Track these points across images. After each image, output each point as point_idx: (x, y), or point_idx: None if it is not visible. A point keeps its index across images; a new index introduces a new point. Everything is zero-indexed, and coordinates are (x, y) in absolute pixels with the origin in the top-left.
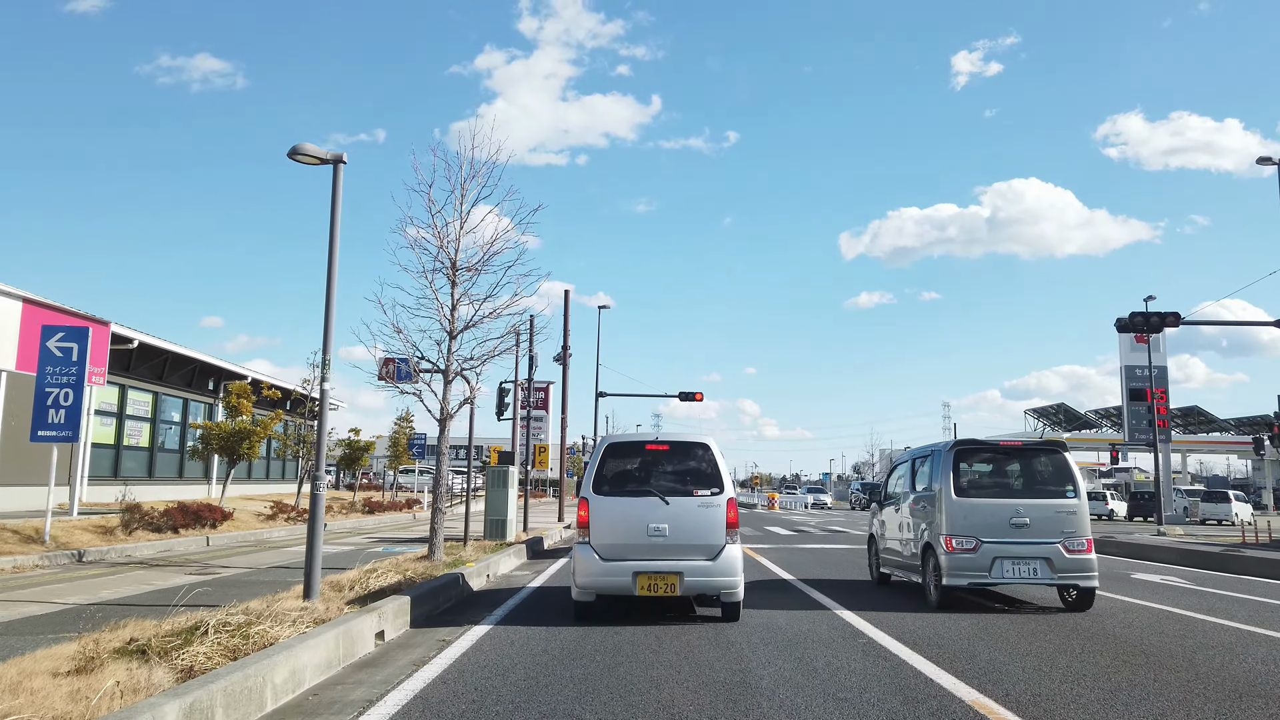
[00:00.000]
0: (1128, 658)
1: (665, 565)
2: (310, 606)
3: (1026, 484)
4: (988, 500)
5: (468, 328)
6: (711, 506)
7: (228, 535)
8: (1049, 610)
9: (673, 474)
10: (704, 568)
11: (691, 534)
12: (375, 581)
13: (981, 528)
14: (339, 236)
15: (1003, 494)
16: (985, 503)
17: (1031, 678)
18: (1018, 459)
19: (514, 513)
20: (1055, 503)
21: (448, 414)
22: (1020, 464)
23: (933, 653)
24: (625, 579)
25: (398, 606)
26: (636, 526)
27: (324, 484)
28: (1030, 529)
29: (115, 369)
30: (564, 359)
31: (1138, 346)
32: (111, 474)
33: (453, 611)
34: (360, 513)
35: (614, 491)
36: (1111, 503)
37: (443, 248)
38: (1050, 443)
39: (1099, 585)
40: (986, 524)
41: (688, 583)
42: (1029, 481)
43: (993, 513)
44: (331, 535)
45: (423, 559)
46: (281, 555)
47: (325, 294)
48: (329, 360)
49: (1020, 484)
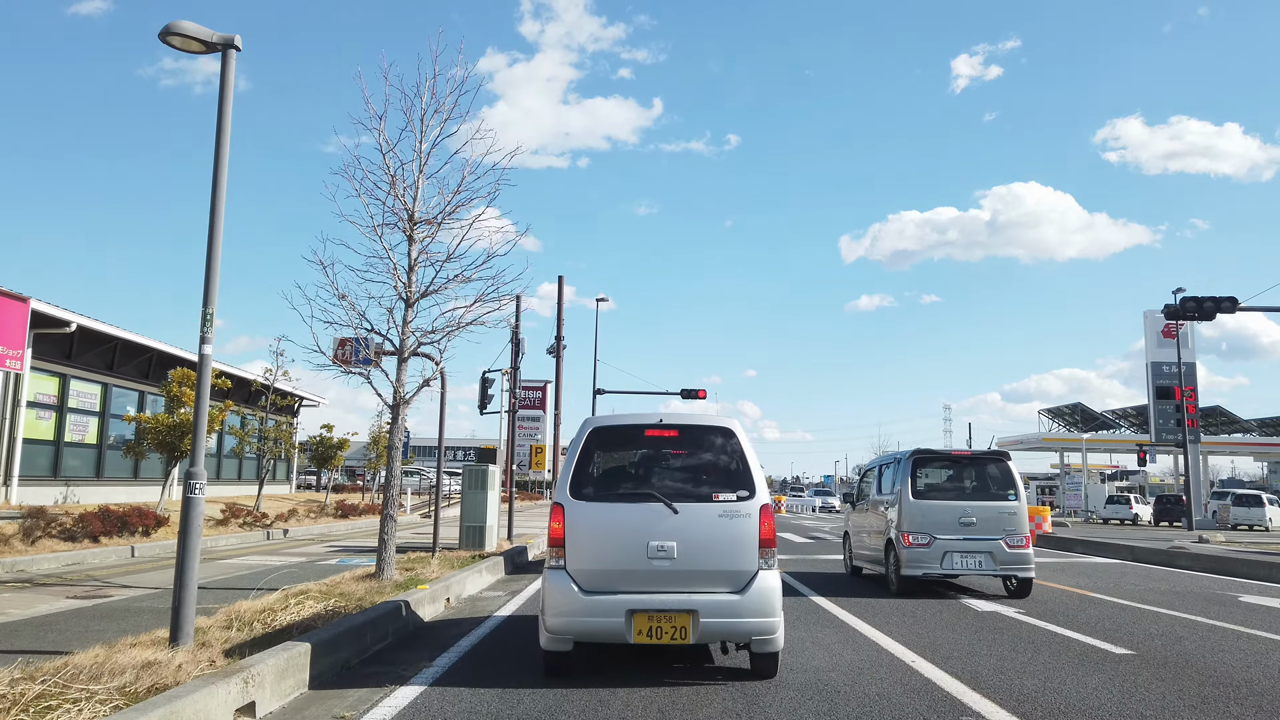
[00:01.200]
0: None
1: (673, 600)
2: (161, 661)
3: (975, 488)
4: (941, 502)
5: (427, 294)
6: (738, 516)
7: (161, 544)
8: (992, 597)
9: (684, 471)
10: (728, 604)
11: (710, 555)
12: (284, 616)
13: (935, 526)
14: (228, 140)
15: (954, 497)
16: (938, 504)
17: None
18: (968, 466)
19: (495, 518)
20: (999, 505)
21: (401, 398)
22: (970, 470)
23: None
24: (616, 620)
25: (287, 661)
26: (633, 545)
27: (201, 484)
28: (977, 527)
29: (52, 356)
30: (558, 350)
31: (1165, 342)
32: (50, 473)
33: (384, 656)
34: (331, 517)
35: (601, 495)
36: (1136, 507)
37: (397, 195)
38: (996, 452)
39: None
40: (939, 522)
41: (705, 625)
42: (977, 486)
43: (945, 513)
44: (290, 543)
45: (368, 578)
46: (215, 570)
47: (209, 220)
48: (211, 314)
49: (969, 488)
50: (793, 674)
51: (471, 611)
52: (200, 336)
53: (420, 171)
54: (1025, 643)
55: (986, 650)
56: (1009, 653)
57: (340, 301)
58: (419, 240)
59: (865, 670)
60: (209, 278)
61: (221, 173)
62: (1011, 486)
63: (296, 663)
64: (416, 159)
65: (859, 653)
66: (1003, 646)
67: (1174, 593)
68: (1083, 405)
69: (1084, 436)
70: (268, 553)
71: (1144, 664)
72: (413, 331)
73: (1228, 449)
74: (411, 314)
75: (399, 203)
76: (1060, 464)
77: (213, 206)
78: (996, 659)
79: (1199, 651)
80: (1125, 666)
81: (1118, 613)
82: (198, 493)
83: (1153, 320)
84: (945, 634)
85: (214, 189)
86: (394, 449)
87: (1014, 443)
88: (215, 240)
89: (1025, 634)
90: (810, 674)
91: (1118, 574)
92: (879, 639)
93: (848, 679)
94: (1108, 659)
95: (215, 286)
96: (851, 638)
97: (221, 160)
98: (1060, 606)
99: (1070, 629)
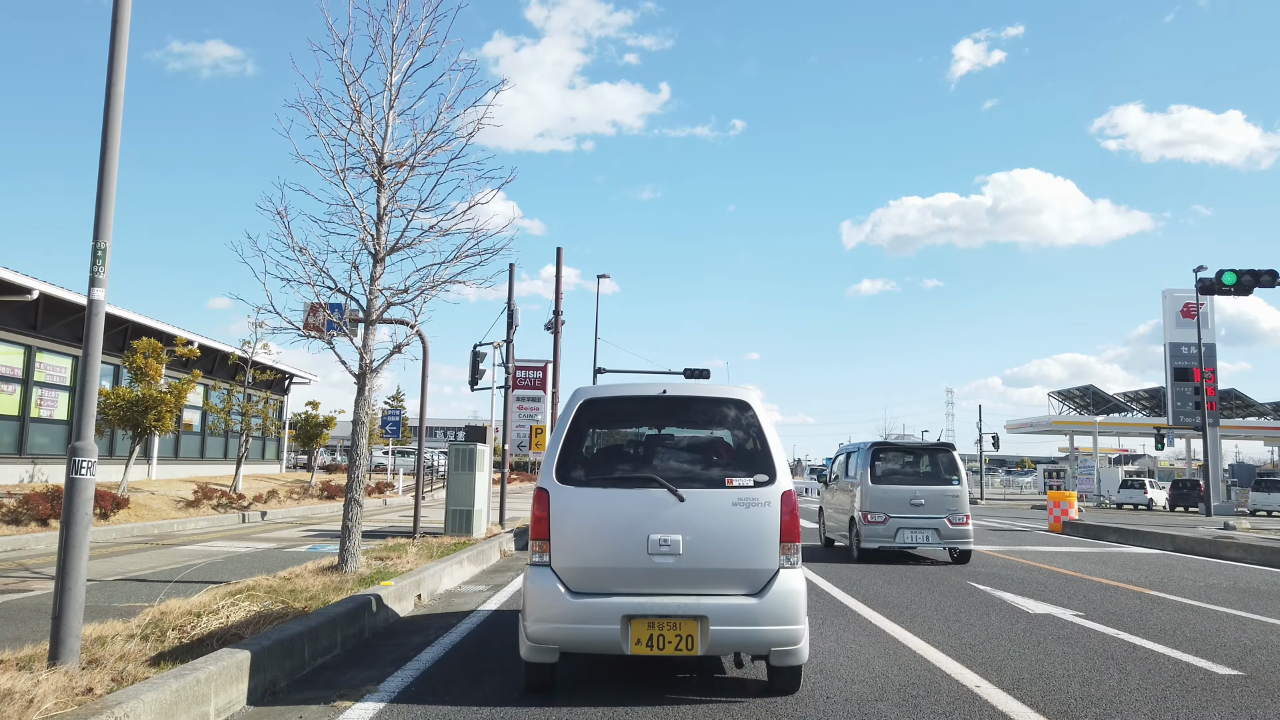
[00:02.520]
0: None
1: (678, 604)
2: (17, 691)
3: (924, 474)
4: (895, 486)
5: (399, 247)
6: (756, 505)
7: (120, 528)
8: (937, 564)
9: (691, 451)
10: (743, 609)
11: (723, 551)
12: (210, 622)
13: (889, 505)
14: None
15: (906, 481)
16: (893, 488)
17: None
18: (919, 455)
19: (484, 502)
20: (943, 489)
21: (368, 366)
22: (921, 459)
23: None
24: (610, 627)
25: (176, 693)
26: (630, 538)
27: (89, 462)
28: (924, 507)
29: (15, 326)
30: (556, 326)
31: (1183, 322)
32: (15, 450)
33: (322, 676)
34: (316, 498)
35: (594, 480)
36: (1151, 491)
37: (363, 134)
38: (942, 444)
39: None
40: (893, 503)
41: (716, 634)
42: (927, 472)
43: (898, 495)
44: (266, 527)
45: (330, 570)
46: (166, 557)
47: (103, 125)
48: (104, 249)
49: (920, 474)
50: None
51: (448, 607)
52: (90, 278)
53: (390, 107)
54: (1101, 656)
55: (1062, 671)
56: (1090, 673)
57: (300, 255)
58: (389, 186)
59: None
60: (101, 202)
61: (119, 56)
62: (955, 473)
63: (192, 693)
64: (386, 92)
65: (911, 674)
66: (1079, 664)
67: (1242, 590)
68: (1094, 387)
69: (1096, 419)
70: (236, 537)
71: (1264, 690)
72: (382, 290)
73: (1242, 432)
74: (380, 270)
75: (365, 142)
76: (1070, 447)
77: (107, 104)
78: (1080, 684)
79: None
80: (1243, 695)
81: (1193, 617)
82: (85, 473)
83: (1172, 300)
84: (1000, 644)
85: (110, 78)
86: (359, 424)
87: (1024, 425)
88: (110, 153)
89: (1098, 646)
90: (851, 698)
91: (1164, 567)
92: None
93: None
94: (1215, 683)
95: (110, 214)
96: (896, 650)
97: (119, 45)
98: (1123, 609)
99: (1147, 638)
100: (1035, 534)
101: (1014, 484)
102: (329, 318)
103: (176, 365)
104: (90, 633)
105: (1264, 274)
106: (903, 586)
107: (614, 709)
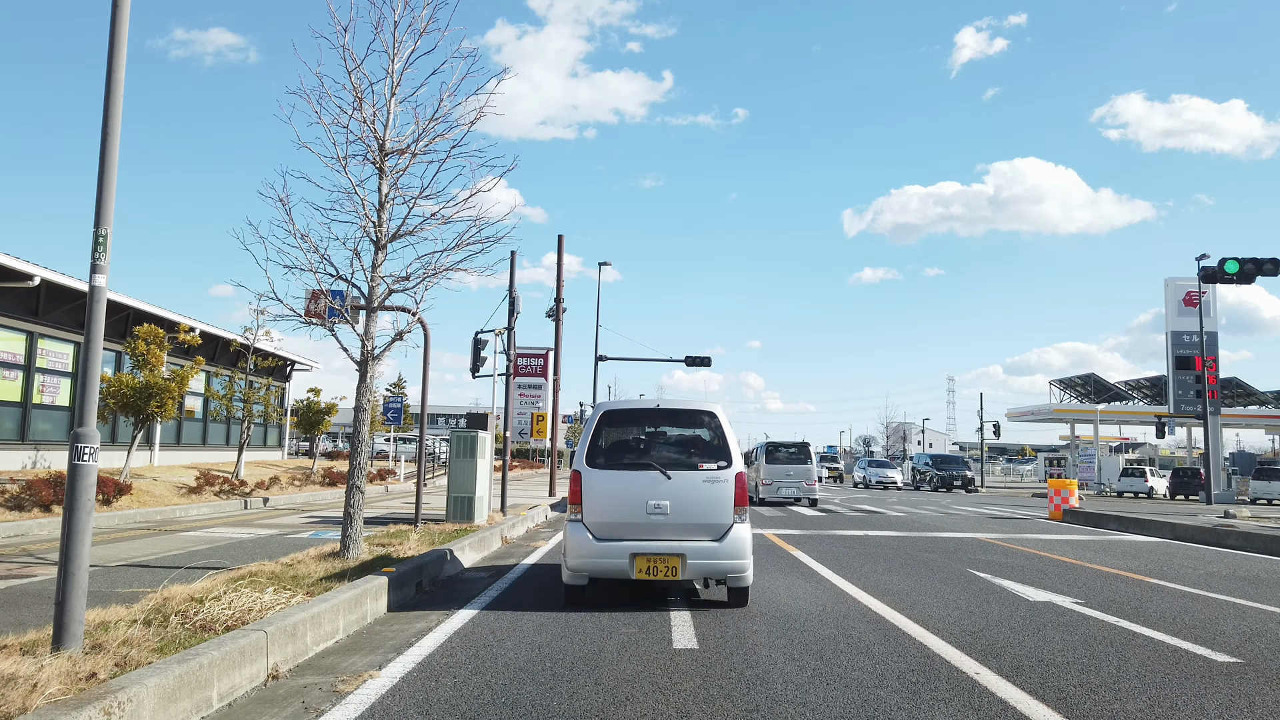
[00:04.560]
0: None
1: (666, 546)
2: (21, 676)
3: (794, 458)
4: (779, 465)
5: (400, 235)
6: (718, 482)
7: (123, 514)
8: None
9: (676, 445)
10: (709, 549)
11: (695, 512)
12: (214, 608)
13: (777, 476)
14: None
15: (786, 462)
16: (778, 466)
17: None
18: (793, 448)
19: (486, 488)
20: (804, 466)
21: (369, 353)
22: (794, 450)
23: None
24: (621, 561)
25: (179, 678)
26: (635, 503)
27: (91, 448)
28: (793, 476)
29: (16, 312)
30: (557, 313)
31: (1185, 311)
32: (17, 436)
33: (325, 662)
34: (318, 484)
35: (610, 464)
36: (1151, 479)
37: (365, 121)
38: (802, 442)
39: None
40: (779, 475)
41: (691, 565)
42: (796, 457)
43: (782, 471)
44: (268, 513)
45: (332, 556)
46: (169, 543)
47: (104, 109)
48: (105, 235)
49: (793, 458)
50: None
51: (446, 598)
52: (91, 264)
53: (392, 95)
54: (1100, 643)
55: (1061, 658)
56: (1089, 660)
57: (301, 242)
58: (390, 173)
59: (923, 677)
60: (102, 188)
61: (119, 42)
62: (809, 459)
63: (195, 678)
64: (388, 79)
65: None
66: (1078, 651)
67: (1242, 578)
68: (1095, 376)
69: (1098, 408)
70: (239, 524)
71: (1262, 678)
72: (383, 278)
73: (1244, 421)
74: (382, 257)
75: (367, 129)
76: (1070, 436)
77: (108, 91)
78: (1079, 671)
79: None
80: (1241, 682)
81: (1192, 604)
82: (87, 459)
83: (1174, 288)
84: (1000, 631)
85: (110, 64)
86: (360, 411)
87: (1025, 413)
88: (110, 140)
89: (1098, 633)
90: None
91: (1164, 555)
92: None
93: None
94: (1213, 670)
95: (110, 201)
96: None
97: (119, 31)
98: (1123, 596)
99: (1146, 626)
100: (1036, 522)
101: (1014, 472)
102: (331, 305)
103: (179, 352)
104: (94, 618)
105: (1266, 262)
106: (903, 575)
107: (629, 613)
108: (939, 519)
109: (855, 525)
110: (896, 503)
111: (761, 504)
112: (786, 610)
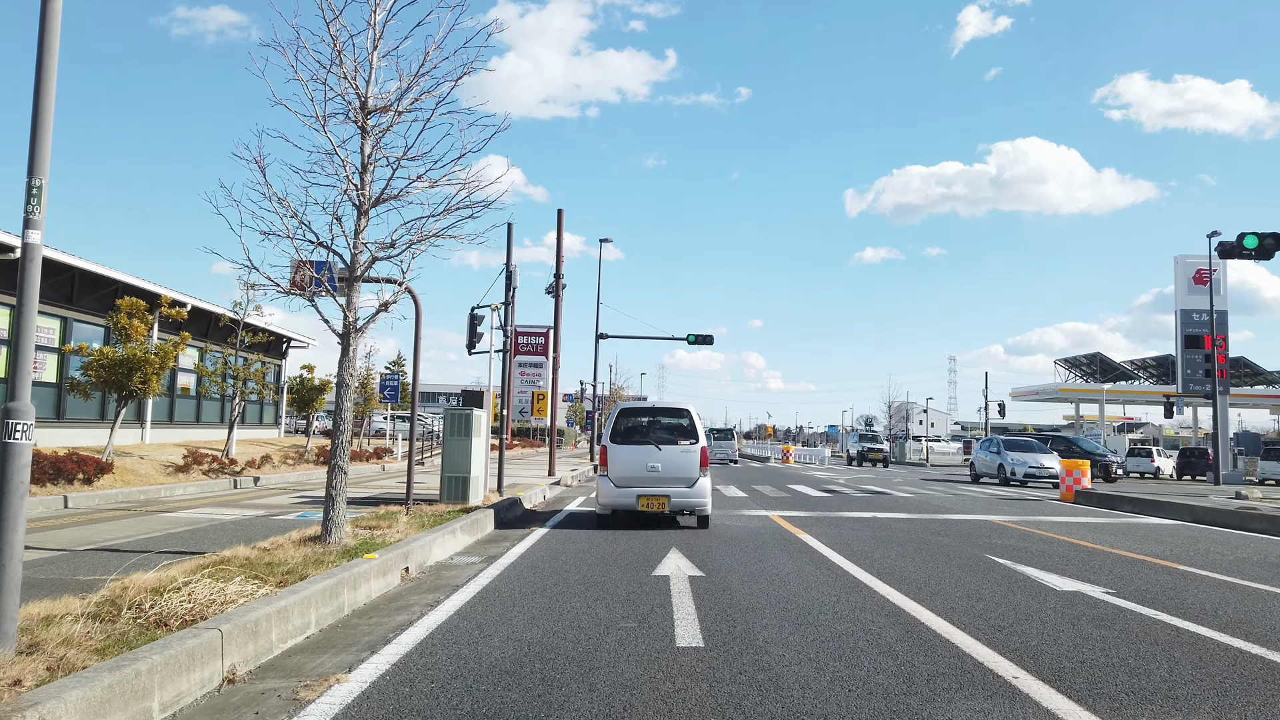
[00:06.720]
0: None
1: (658, 490)
2: None
3: (720, 438)
4: (716, 443)
5: (384, 199)
6: (690, 452)
7: (104, 493)
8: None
9: (664, 429)
10: (684, 492)
11: (676, 470)
12: (172, 600)
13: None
14: None
15: (719, 440)
16: (716, 444)
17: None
18: (721, 431)
19: (482, 468)
20: (727, 444)
21: (351, 326)
22: (720, 431)
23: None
24: (631, 499)
25: (107, 690)
26: (639, 464)
27: (25, 425)
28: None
29: (1, 286)
30: (557, 289)
31: (1195, 289)
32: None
33: (311, 646)
34: (312, 463)
35: (624, 441)
36: (1158, 460)
37: (345, 76)
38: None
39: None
40: (713, 449)
41: (674, 502)
42: (720, 437)
43: (716, 448)
44: (258, 492)
45: (313, 540)
46: (147, 524)
47: (37, 51)
48: (39, 186)
49: (720, 438)
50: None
51: (434, 585)
52: (24, 219)
53: (374, 48)
54: (1144, 641)
55: (1104, 659)
56: (1136, 661)
57: (279, 206)
58: (373, 133)
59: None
60: (37, 132)
61: None
62: (732, 439)
63: (130, 687)
64: (370, 30)
65: None
66: (1122, 650)
67: (1274, 565)
68: (1101, 355)
69: (1104, 387)
70: (225, 504)
71: None
72: (367, 245)
73: (1250, 401)
74: (365, 223)
75: (348, 85)
76: (1075, 415)
77: (43, 19)
78: (1128, 674)
79: None
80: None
81: (1231, 595)
82: (20, 437)
83: (1184, 266)
84: (1032, 626)
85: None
86: (343, 386)
87: (1029, 393)
88: (46, 76)
89: (1138, 629)
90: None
91: (1188, 539)
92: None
93: None
94: (1275, 674)
95: (46, 145)
96: None
97: None
98: (1155, 586)
99: (1189, 620)
100: (1047, 503)
101: None
102: (313, 275)
103: (170, 328)
104: (38, 612)
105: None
106: (917, 561)
107: (637, 531)
108: (948, 500)
109: (862, 507)
110: (902, 483)
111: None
112: (798, 602)
